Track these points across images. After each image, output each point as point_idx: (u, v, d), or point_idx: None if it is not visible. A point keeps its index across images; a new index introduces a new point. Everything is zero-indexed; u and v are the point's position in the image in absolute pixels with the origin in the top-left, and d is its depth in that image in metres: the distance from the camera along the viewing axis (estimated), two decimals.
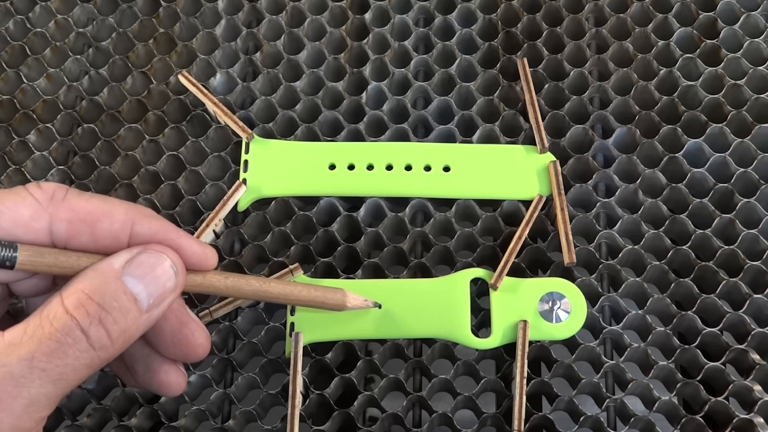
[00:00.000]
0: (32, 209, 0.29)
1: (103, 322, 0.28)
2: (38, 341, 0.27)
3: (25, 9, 0.46)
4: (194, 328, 0.32)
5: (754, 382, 0.37)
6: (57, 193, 0.30)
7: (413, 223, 0.41)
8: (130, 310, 0.28)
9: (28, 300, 0.32)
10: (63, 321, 0.27)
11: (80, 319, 0.27)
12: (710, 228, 0.39)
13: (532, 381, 0.37)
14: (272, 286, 0.33)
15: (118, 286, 0.28)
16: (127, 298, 0.28)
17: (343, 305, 0.35)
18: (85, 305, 0.28)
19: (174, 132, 0.43)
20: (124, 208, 0.30)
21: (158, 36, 0.45)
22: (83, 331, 0.27)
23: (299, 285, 0.34)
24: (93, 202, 0.30)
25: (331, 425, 0.37)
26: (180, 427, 0.37)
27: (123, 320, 0.28)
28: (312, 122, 0.43)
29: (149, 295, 0.29)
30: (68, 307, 0.27)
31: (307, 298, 0.34)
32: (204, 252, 0.31)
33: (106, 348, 0.28)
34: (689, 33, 0.44)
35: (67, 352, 0.27)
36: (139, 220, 0.30)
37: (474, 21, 0.45)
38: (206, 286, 0.32)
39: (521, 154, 0.41)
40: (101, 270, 0.29)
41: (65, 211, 0.30)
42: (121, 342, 0.28)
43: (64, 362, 0.27)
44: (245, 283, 0.33)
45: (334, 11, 0.46)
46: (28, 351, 0.26)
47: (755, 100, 0.42)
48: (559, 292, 0.38)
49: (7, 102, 0.44)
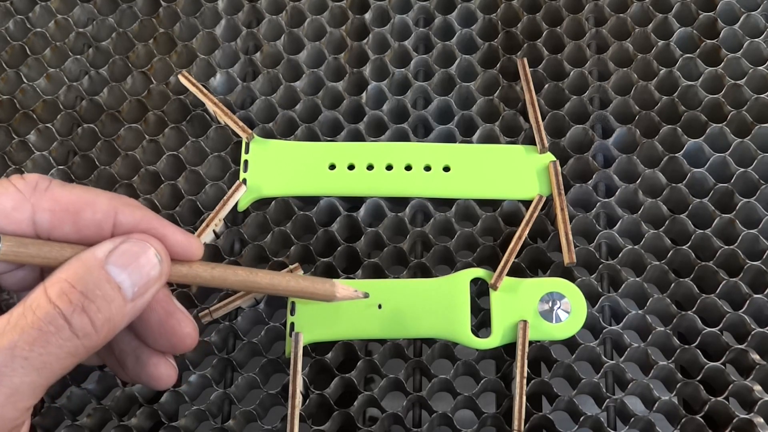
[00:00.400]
0: (14, 200, 0.29)
1: (86, 310, 0.28)
2: (21, 330, 0.27)
3: (25, 9, 0.46)
4: (181, 318, 0.32)
5: (754, 382, 0.37)
6: (40, 183, 0.30)
7: (413, 223, 0.41)
8: (114, 299, 0.28)
9: (19, 295, 0.32)
10: (45, 310, 0.27)
11: (63, 308, 0.27)
12: (710, 228, 0.39)
13: (532, 381, 0.37)
14: (260, 276, 0.33)
15: (101, 275, 0.28)
16: (110, 286, 0.28)
17: (332, 295, 0.35)
18: (68, 294, 0.28)
19: (174, 132, 0.43)
20: (107, 198, 0.30)
21: (158, 36, 0.45)
22: (66, 320, 0.27)
23: (287, 275, 0.34)
24: (76, 192, 0.30)
25: (331, 425, 0.37)
26: (180, 427, 0.37)
27: (107, 309, 0.28)
28: (312, 122, 0.43)
29: (133, 283, 0.29)
30: (51, 296, 0.27)
31: (295, 288, 0.34)
32: (189, 242, 0.31)
33: (90, 336, 0.28)
34: (689, 33, 0.44)
35: (49, 341, 0.27)
36: (122, 210, 0.30)
37: (474, 21, 0.45)
38: (192, 277, 0.32)
39: (521, 154, 0.41)
40: (84, 259, 0.29)
41: (48, 201, 0.30)
42: (105, 330, 0.28)
43: (46, 350, 0.27)
44: (232, 273, 0.33)
45: (334, 11, 0.46)
46: (10, 340, 0.26)
47: (755, 100, 0.42)
48: (559, 292, 0.38)
49: (7, 102, 0.44)
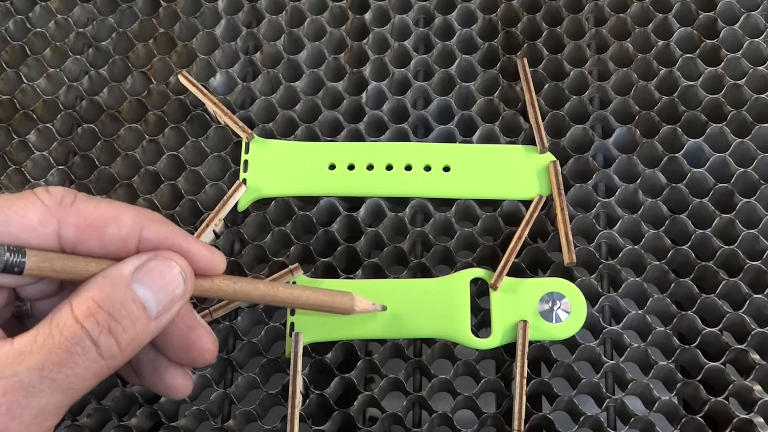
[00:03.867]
0: (41, 214, 0.29)
1: (112, 331, 0.27)
2: (48, 350, 0.26)
3: (25, 9, 0.46)
4: (202, 333, 0.32)
5: (754, 382, 0.37)
6: (66, 197, 0.29)
7: (413, 223, 0.41)
8: (139, 318, 0.28)
9: (33, 303, 0.32)
10: (73, 330, 0.27)
11: (90, 329, 0.27)
12: (710, 228, 0.39)
13: (532, 381, 0.37)
14: (280, 290, 0.33)
15: (127, 294, 0.28)
16: (136, 306, 0.28)
17: (351, 309, 0.35)
18: (95, 314, 0.27)
19: (174, 132, 0.43)
20: (133, 213, 0.30)
21: (158, 36, 0.45)
22: (93, 341, 0.27)
23: (308, 289, 0.34)
24: (101, 207, 0.30)
25: (331, 425, 0.37)
26: (180, 427, 0.37)
27: (132, 328, 0.28)
28: (312, 122, 0.43)
29: (158, 302, 0.29)
30: (78, 316, 0.27)
31: (315, 303, 0.34)
32: (212, 257, 0.31)
33: (115, 357, 0.28)
34: (689, 33, 0.44)
35: (77, 362, 0.27)
36: (148, 225, 0.30)
37: (474, 21, 0.45)
38: (214, 291, 0.32)
39: (521, 154, 0.41)
40: (111, 277, 0.28)
41: (74, 216, 0.29)
42: (130, 350, 0.28)
43: (74, 372, 0.27)
44: (253, 287, 0.33)
45: (334, 11, 0.46)
46: (39, 360, 0.26)
47: (755, 100, 0.42)
48: (559, 292, 0.38)
49: (7, 102, 0.44)
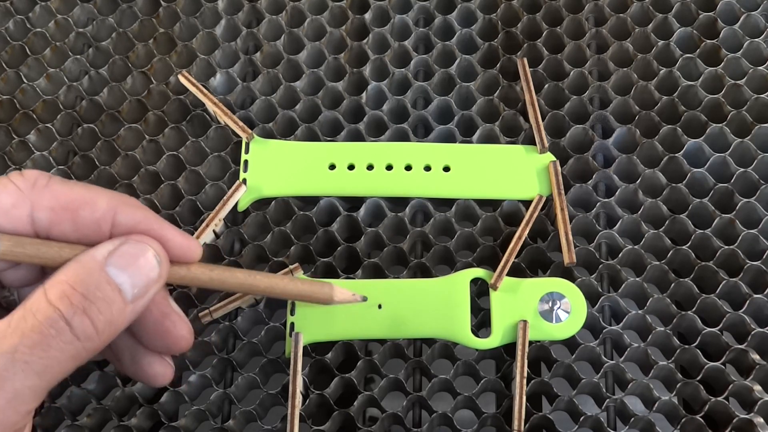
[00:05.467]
0: (13, 197, 0.29)
1: (87, 312, 0.28)
2: (21, 334, 0.27)
3: (25, 9, 0.46)
4: (176, 320, 0.32)
5: (754, 382, 0.37)
6: (39, 180, 0.30)
7: (413, 223, 0.41)
8: (114, 301, 0.28)
9: (19, 291, 0.32)
10: (46, 312, 0.27)
11: (64, 310, 0.27)
12: (710, 228, 0.39)
13: (532, 381, 0.37)
14: (258, 279, 0.33)
15: (101, 277, 0.28)
16: (111, 288, 0.28)
17: (330, 299, 0.35)
18: (69, 296, 0.27)
19: (174, 132, 0.43)
20: (107, 197, 0.30)
21: (158, 36, 0.45)
22: (67, 322, 0.27)
23: (286, 278, 0.34)
24: (75, 190, 0.30)
25: (331, 425, 0.37)
26: (180, 427, 0.37)
27: (108, 310, 0.28)
28: (312, 122, 0.43)
29: (133, 285, 0.29)
30: (51, 298, 0.27)
31: (293, 291, 0.34)
32: (188, 243, 0.31)
33: (92, 338, 0.28)
34: (689, 33, 0.44)
35: (50, 344, 0.27)
36: (122, 209, 0.30)
37: (474, 21, 0.45)
38: (190, 279, 0.32)
39: (521, 154, 0.41)
40: (84, 261, 0.29)
41: (47, 198, 0.29)
42: (107, 333, 0.28)
43: (47, 354, 0.27)
44: (230, 275, 0.33)
45: (334, 11, 0.46)
46: (11, 344, 0.26)
47: (755, 100, 0.42)
48: (559, 292, 0.38)
49: (7, 102, 0.44)
